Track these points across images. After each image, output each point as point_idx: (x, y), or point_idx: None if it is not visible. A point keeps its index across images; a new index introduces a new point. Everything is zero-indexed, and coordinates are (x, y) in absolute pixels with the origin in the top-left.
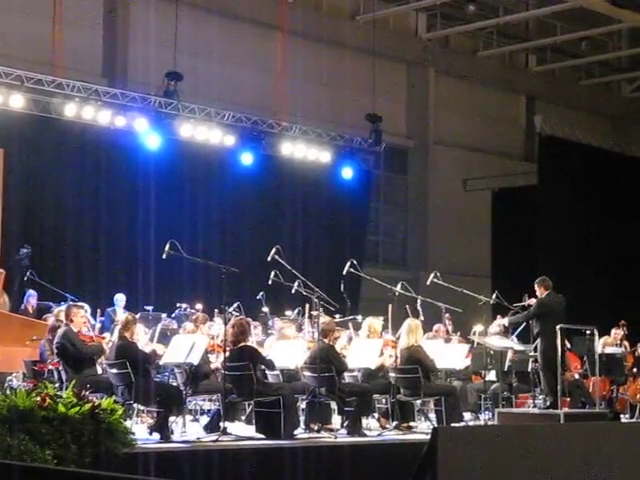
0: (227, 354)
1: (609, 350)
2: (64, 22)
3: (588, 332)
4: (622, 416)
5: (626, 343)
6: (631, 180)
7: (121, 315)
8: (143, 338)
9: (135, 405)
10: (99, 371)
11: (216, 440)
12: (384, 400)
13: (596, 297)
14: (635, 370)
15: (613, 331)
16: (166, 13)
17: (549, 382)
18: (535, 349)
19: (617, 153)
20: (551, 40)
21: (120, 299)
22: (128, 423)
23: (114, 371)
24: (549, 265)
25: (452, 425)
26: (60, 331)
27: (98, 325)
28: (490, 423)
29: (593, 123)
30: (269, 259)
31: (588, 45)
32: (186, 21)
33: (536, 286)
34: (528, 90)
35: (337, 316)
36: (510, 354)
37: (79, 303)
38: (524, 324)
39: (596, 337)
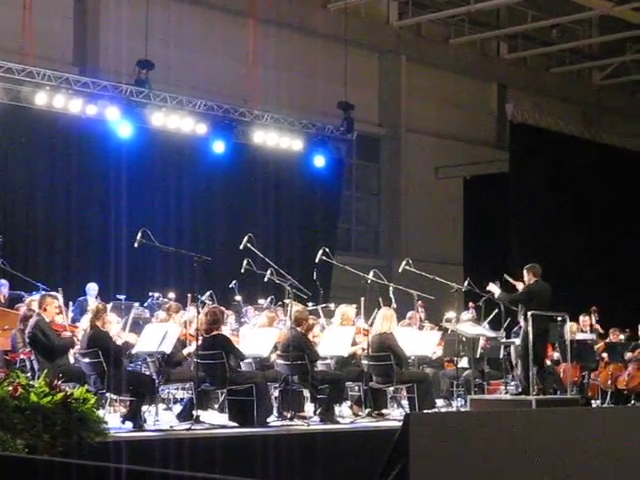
0: (200, 342)
1: (580, 336)
2: (34, 10)
3: (560, 319)
4: (593, 402)
5: (598, 328)
6: (602, 167)
7: (92, 304)
8: (115, 327)
9: (107, 394)
10: (71, 360)
11: (189, 428)
12: (357, 387)
13: (568, 284)
14: (606, 356)
15: (581, 318)
16: (137, 1)
17: (526, 367)
18: (508, 336)
19: (588, 140)
20: (522, 28)
21: (92, 288)
22: (100, 412)
23: (86, 360)
24: (521, 252)
25: (424, 412)
26: (32, 321)
27: (70, 314)
28: (462, 410)
29: (564, 110)
30: (241, 247)
31: (559, 33)
32: (157, 9)
33: (525, 272)
34: (500, 78)
35: (310, 304)
36: (482, 341)
37: (53, 293)
38: (501, 307)
39: (567, 323)
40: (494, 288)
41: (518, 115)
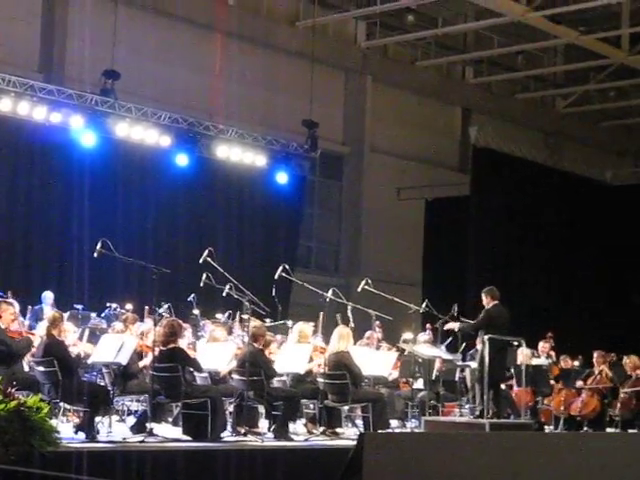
0: (156, 355)
1: (535, 362)
2: (1, 15)
3: (515, 343)
4: (546, 427)
5: (552, 355)
6: (563, 193)
7: (48, 313)
8: (71, 337)
9: (61, 404)
10: (25, 368)
11: (142, 441)
12: (312, 405)
13: (525, 308)
14: (560, 382)
15: (541, 344)
16: (105, 11)
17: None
18: (464, 359)
19: (549, 167)
20: (488, 53)
21: (48, 297)
22: (54, 422)
23: (41, 369)
24: (479, 276)
25: (378, 431)
26: None
27: (27, 322)
28: (416, 431)
29: (527, 136)
30: (201, 261)
31: (524, 59)
32: (125, 20)
33: (483, 295)
34: (464, 102)
35: (268, 320)
36: (438, 363)
37: (9, 299)
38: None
39: (523, 348)
40: (452, 325)
41: (481, 139)
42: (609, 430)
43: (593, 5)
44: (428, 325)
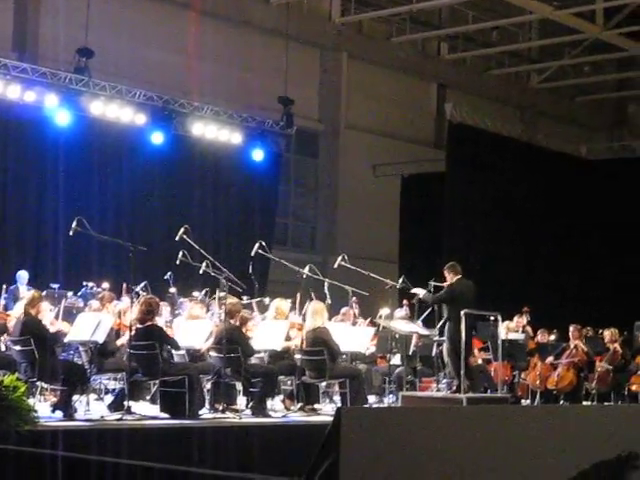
0: (133, 333)
1: (512, 336)
2: None
3: (492, 318)
4: (523, 401)
5: (529, 329)
6: (538, 169)
7: (24, 292)
8: (48, 315)
9: (38, 383)
10: (2, 348)
11: (120, 419)
12: (289, 382)
13: (501, 283)
14: (536, 356)
15: (515, 318)
16: None
17: (455, 366)
18: (441, 333)
19: (525, 142)
20: (463, 29)
21: (23, 276)
22: (31, 401)
23: (18, 348)
24: (456, 251)
25: (355, 406)
26: None
27: (3, 302)
28: (394, 406)
29: (502, 112)
30: (177, 239)
31: (499, 35)
32: None
33: (445, 272)
34: (439, 78)
35: (245, 297)
36: (415, 338)
37: None
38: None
39: (500, 323)
40: (418, 290)
41: (457, 115)
42: (585, 403)
43: None
44: (405, 301)
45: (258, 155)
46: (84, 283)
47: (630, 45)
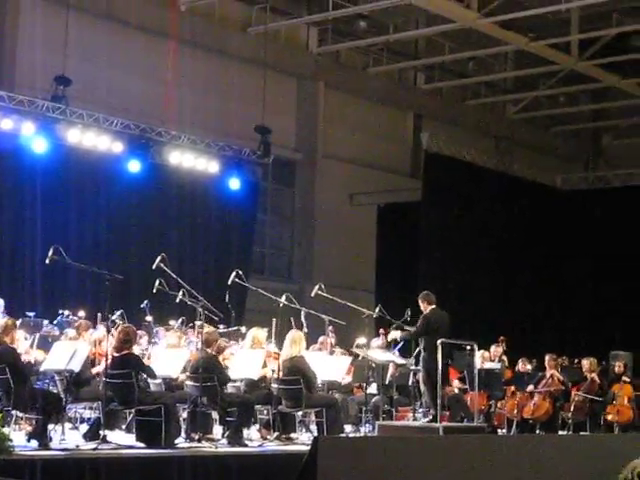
0: (109, 361)
1: (488, 365)
2: None
3: (468, 347)
4: (499, 430)
5: (505, 358)
6: (514, 199)
7: (1, 320)
8: (23, 344)
9: (13, 411)
10: None
11: (95, 448)
12: (265, 411)
13: (478, 313)
14: (513, 386)
15: (493, 348)
16: (56, 17)
17: (431, 396)
18: (417, 363)
19: (501, 172)
20: (439, 59)
21: None
22: (6, 429)
23: None
24: (432, 280)
25: (332, 436)
26: None
27: None
28: (370, 435)
29: (478, 142)
30: (154, 267)
31: (475, 65)
32: (76, 26)
33: (420, 301)
34: (416, 107)
35: (221, 326)
36: (391, 368)
37: None
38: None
39: (476, 352)
40: (394, 334)
41: (433, 145)
42: (561, 433)
43: (543, 12)
44: (381, 330)
45: (235, 184)
46: (60, 311)
47: (605, 76)
